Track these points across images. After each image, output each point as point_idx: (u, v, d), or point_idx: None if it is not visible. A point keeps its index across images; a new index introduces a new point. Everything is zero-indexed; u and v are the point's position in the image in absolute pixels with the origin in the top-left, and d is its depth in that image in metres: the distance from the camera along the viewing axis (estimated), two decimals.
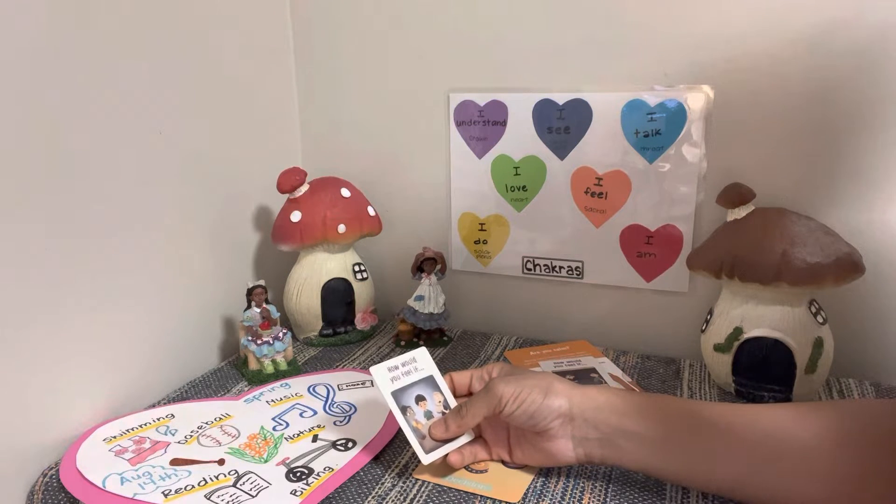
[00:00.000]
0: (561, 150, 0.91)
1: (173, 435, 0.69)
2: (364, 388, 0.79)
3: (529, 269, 0.97)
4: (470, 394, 0.65)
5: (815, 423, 0.53)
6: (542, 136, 0.91)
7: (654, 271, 0.91)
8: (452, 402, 0.65)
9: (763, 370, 0.74)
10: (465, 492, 0.59)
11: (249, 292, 0.82)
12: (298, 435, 0.69)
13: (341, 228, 0.90)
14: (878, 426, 0.52)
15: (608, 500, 0.59)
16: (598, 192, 0.91)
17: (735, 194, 0.77)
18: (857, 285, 0.73)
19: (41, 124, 0.65)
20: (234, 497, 0.58)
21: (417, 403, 0.64)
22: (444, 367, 0.85)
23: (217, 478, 0.62)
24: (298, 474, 0.62)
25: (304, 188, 0.91)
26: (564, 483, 0.61)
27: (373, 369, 0.64)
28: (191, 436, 0.69)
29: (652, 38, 0.84)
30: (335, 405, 0.75)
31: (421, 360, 0.67)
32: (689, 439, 0.55)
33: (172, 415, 0.73)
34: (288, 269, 0.94)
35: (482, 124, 0.94)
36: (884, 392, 0.79)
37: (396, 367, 0.65)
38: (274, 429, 0.70)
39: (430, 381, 0.66)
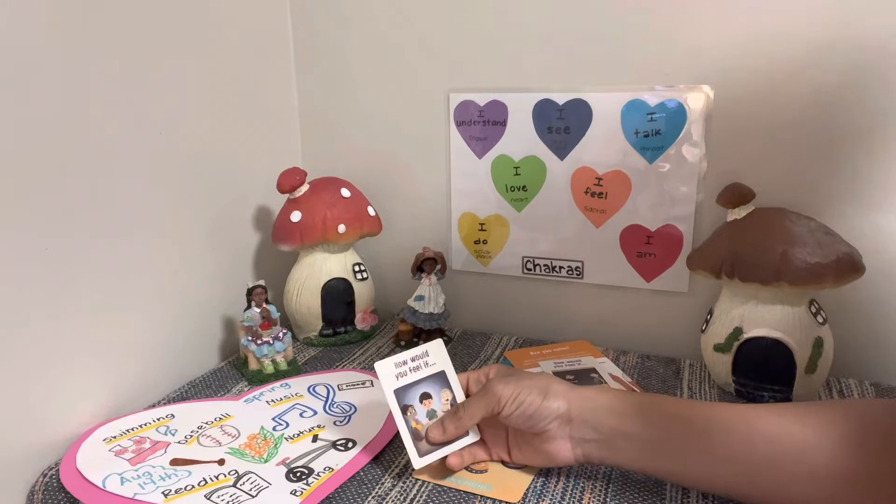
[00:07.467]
0: (561, 150, 0.91)
1: (173, 435, 0.69)
2: (364, 388, 0.79)
3: (529, 269, 0.97)
4: (468, 397, 0.64)
5: (815, 424, 0.53)
6: (542, 136, 0.91)
7: (654, 271, 0.91)
8: (462, 400, 0.63)
9: (763, 370, 0.74)
10: (465, 492, 0.59)
11: (249, 292, 0.82)
12: (298, 435, 0.69)
13: (341, 228, 0.90)
14: (879, 426, 0.52)
15: (608, 500, 0.59)
16: (598, 192, 0.91)
17: (735, 194, 0.77)
18: (857, 285, 0.73)
19: (41, 124, 0.65)
20: (234, 497, 0.58)
21: (421, 402, 0.62)
22: None
23: (217, 478, 0.62)
24: (298, 474, 0.62)
25: (304, 188, 0.91)
26: (564, 483, 0.61)
27: (377, 364, 0.62)
28: (191, 436, 0.69)
29: (652, 38, 0.84)
30: (335, 405, 0.75)
31: (434, 354, 0.64)
32: (688, 440, 0.55)
33: (172, 415, 0.73)
34: (288, 269, 0.94)
35: (482, 124, 0.94)
36: (884, 392, 0.79)
37: (405, 363, 0.63)
38: (274, 429, 0.70)
39: (440, 377, 0.64)
